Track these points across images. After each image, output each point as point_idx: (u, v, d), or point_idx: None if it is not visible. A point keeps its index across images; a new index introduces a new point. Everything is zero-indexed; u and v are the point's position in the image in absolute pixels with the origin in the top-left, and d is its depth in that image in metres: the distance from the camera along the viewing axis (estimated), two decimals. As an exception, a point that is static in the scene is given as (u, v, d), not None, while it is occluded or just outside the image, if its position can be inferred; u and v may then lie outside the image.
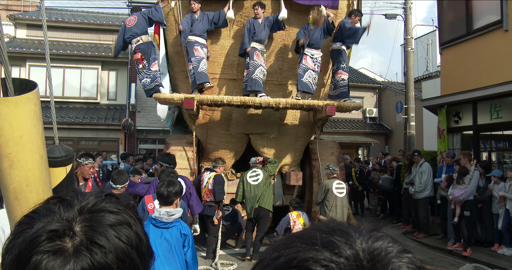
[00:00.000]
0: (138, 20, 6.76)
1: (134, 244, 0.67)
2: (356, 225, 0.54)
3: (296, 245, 0.50)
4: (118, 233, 0.65)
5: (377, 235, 0.52)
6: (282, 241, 0.54)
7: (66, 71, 15.89)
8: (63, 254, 0.61)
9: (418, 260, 0.51)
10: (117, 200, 0.72)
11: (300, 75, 6.98)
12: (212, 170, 6.65)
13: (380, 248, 0.49)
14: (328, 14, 6.97)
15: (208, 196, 6.39)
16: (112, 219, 0.67)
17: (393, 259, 0.48)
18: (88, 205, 0.68)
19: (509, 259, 6.47)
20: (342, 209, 6.15)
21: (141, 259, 0.68)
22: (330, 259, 0.47)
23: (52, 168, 1.73)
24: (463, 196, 7.00)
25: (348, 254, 0.48)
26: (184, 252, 3.07)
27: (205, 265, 6.12)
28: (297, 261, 0.47)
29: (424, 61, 18.83)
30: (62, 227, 0.63)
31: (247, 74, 6.88)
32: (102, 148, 15.40)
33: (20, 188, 1.35)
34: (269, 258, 0.51)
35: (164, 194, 3.13)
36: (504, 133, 8.60)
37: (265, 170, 6.58)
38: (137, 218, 0.72)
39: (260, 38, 6.91)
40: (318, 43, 6.98)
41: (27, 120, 1.34)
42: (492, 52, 8.03)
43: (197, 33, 6.82)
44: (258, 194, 6.34)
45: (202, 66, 6.80)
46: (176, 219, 3.06)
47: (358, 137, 19.38)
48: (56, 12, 18.31)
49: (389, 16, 13.67)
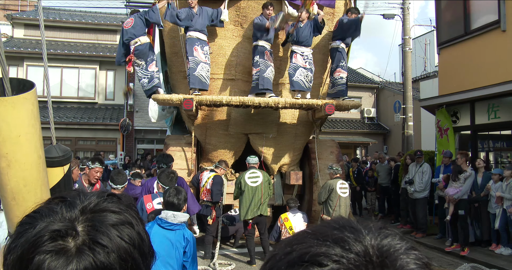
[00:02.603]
0: (135, 21, 6.76)
1: (136, 244, 0.67)
2: (365, 223, 0.56)
3: (308, 240, 0.52)
4: (121, 233, 0.66)
5: (385, 233, 0.53)
6: (294, 236, 0.56)
7: (64, 71, 15.86)
8: (66, 254, 0.61)
9: (425, 257, 0.52)
10: (119, 200, 0.72)
11: (291, 75, 6.98)
12: (213, 170, 6.63)
13: (389, 245, 0.51)
14: (318, 12, 6.99)
15: (205, 195, 6.37)
16: (114, 219, 0.67)
17: (401, 255, 0.50)
18: (90, 205, 0.68)
19: (507, 259, 6.48)
20: (346, 209, 6.17)
21: (143, 259, 0.68)
22: (341, 255, 0.49)
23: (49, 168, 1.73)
24: (457, 195, 7.02)
25: (358, 249, 0.49)
26: (186, 258, 3.08)
27: (203, 265, 6.11)
28: (309, 256, 0.49)
29: (422, 61, 18.87)
30: (64, 227, 0.63)
31: (258, 73, 6.83)
32: (100, 148, 15.37)
33: (18, 188, 1.35)
34: (281, 253, 0.53)
35: (175, 203, 3.17)
36: (502, 133, 8.63)
37: (265, 174, 6.44)
38: (138, 218, 0.72)
39: (269, 38, 6.92)
40: (308, 41, 6.98)
41: (24, 120, 1.33)
42: (490, 52, 8.05)
43: (198, 28, 6.72)
44: (257, 197, 6.17)
45: (199, 71, 6.70)
46: (181, 222, 3.09)
47: (356, 137, 19.40)
48: (54, 11, 18.26)
49: (387, 16, 13.70)
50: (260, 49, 6.86)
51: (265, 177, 6.34)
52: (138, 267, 0.67)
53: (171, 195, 3.21)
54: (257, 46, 6.90)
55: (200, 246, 6.92)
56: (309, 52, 7.05)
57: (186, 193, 3.36)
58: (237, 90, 7.53)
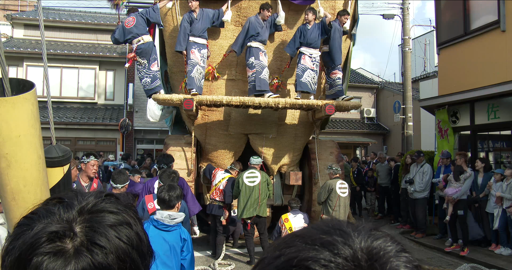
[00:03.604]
0: (137, 20, 6.71)
1: (135, 244, 0.67)
2: (355, 224, 0.55)
3: (296, 244, 0.52)
4: (119, 233, 0.65)
5: (376, 234, 0.52)
6: (283, 240, 0.55)
7: (64, 71, 15.85)
8: (64, 255, 0.60)
9: (416, 260, 0.52)
10: (117, 200, 0.72)
11: (298, 75, 6.97)
12: (228, 171, 6.66)
13: (379, 247, 0.50)
14: (325, 14, 6.99)
15: (217, 195, 6.39)
16: (112, 219, 0.67)
17: (391, 258, 0.49)
18: (88, 205, 0.68)
19: (506, 259, 6.48)
20: (345, 209, 6.18)
21: (142, 259, 0.68)
22: (330, 259, 0.48)
23: (49, 168, 1.73)
24: (456, 195, 7.02)
25: (347, 254, 0.48)
26: (183, 257, 3.08)
27: (203, 265, 6.11)
28: (297, 261, 0.48)
29: (421, 61, 18.88)
30: (62, 228, 0.63)
31: (254, 74, 6.82)
32: (100, 148, 15.36)
33: (18, 188, 1.35)
34: (270, 257, 0.52)
35: (166, 199, 3.14)
36: (502, 133, 8.63)
37: (263, 174, 6.46)
38: (137, 218, 0.72)
39: (263, 39, 6.90)
40: (316, 43, 6.98)
41: (24, 120, 1.33)
42: (489, 53, 8.05)
43: (196, 34, 6.74)
44: (254, 197, 6.18)
45: (195, 72, 6.73)
46: (178, 223, 3.07)
47: (355, 137, 19.41)
48: (53, 12, 18.26)
49: (386, 16, 13.70)
50: (254, 50, 6.84)
51: (264, 177, 6.37)
52: (137, 267, 0.66)
53: (164, 191, 3.18)
54: (251, 47, 6.88)
55: (207, 246, 6.96)
56: (317, 54, 7.06)
57: (181, 191, 3.33)
58: (237, 90, 7.53)
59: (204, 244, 7.36)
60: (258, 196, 6.20)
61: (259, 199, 6.19)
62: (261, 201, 6.22)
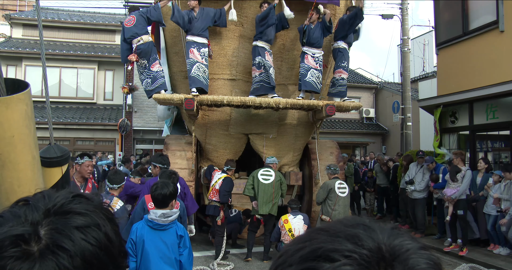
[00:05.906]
0: (137, 20, 6.63)
1: (103, 246, 0.65)
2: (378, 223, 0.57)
3: (320, 236, 0.54)
4: (86, 235, 0.63)
5: (397, 233, 0.55)
6: (307, 233, 0.57)
7: (63, 71, 15.83)
8: (28, 259, 0.59)
9: (437, 258, 0.53)
10: (87, 201, 0.70)
11: (302, 75, 6.94)
12: (225, 171, 6.67)
13: (401, 244, 0.52)
14: (325, 11, 6.96)
15: (214, 195, 6.40)
16: (79, 221, 0.65)
17: (413, 255, 0.51)
18: (55, 207, 0.66)
19: (505, 259, 6.48)
20: (344, 209, 6.16)
21: (112, 260, 0.66)
22: (353, 250, 0.49)
23: (47, 168, 1.72)
24: (455, 195, 7.02)
25: (371, 246, 0.50)
26: (180, 252, 3.07)
27: (202, 265, 6.10)
28: (321, 251, 0.50)
29: (420, 61, 18.89)
30: (26, 231, 0.61)
31: (263, 73, 6.80)
32: (99, 148, 15.35)
33: (12, 189, 1.33)
34: (294, 248, 0.54)
35: (159, 197, 3.11)
36: (500, 133, 8.63)
37: (278, 173, 6.54)
38: (108, 218, 0.69)
39: (269, 38, 6.87)
40: (319, 42, 6.96)
41: (18, 121, 1.32)
42: (488, 53, 8.05)
43: (195, 33, 6.66)
44: (267, 195, 6.28)
45: (195, 71, 6.65)
46: (173, 221, 3.05)
47: (355, 137, 19.42)
48: (52, 11, 18.23)
49: (385, 16, 13.70)
50: (260, 50, 6.82)
51: (278, 176, 6.49)
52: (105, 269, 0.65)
53: (157, 189, 3.14)
54: (256, 46, 6.86)
55: (206, 246, 6.94)
56: (320, 53, 7.04)
57: (175, 188, 3.28)
58: (238, 90, 7.52)
59: (203, 244, 7.35)
60: (270, 194, 6.31)
61: (272, 196, 6.30)
62: (274, 199, 6.31)
